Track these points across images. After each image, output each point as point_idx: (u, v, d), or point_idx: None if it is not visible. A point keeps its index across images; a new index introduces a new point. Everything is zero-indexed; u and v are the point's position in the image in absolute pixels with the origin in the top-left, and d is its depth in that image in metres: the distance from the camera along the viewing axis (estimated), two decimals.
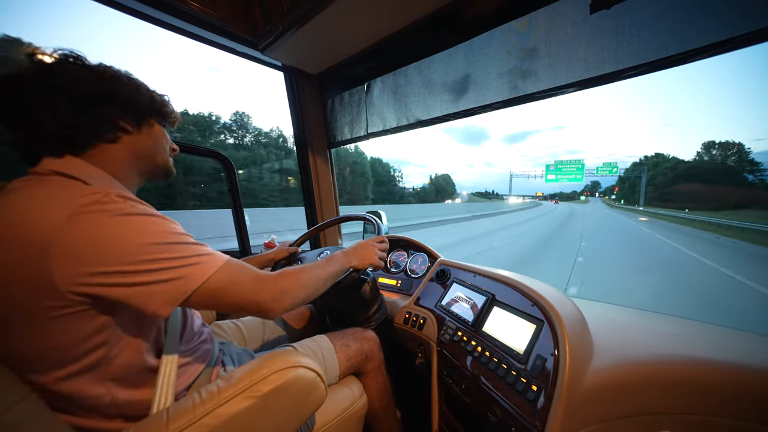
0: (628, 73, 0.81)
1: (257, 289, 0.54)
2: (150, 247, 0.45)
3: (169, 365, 0.56)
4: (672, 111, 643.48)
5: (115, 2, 0.99)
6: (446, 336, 0.90)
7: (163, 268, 0.45)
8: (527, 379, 0.65)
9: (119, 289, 0.43)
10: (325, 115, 1.62)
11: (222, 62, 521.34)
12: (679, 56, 0.73)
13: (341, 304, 1.02)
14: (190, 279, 0.47)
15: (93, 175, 0.50)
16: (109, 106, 0.53)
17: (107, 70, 0.54)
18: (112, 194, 0.45)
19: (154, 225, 0.47)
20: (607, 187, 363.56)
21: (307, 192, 1.67)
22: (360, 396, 0.85)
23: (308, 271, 0.65)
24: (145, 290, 0.44)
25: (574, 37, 0.85)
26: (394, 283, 1.29)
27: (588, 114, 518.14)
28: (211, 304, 0.51)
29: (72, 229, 0.41)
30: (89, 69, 0.52)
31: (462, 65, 1.11)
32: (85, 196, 0.44)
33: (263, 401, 0.53)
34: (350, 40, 1.21)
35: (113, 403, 0.50)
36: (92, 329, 0.46)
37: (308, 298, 0.64)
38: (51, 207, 0.42)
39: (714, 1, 0.67)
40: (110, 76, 0.54)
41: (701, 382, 0.59)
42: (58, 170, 0.47)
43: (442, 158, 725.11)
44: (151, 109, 0.59)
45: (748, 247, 12.44)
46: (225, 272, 0.51)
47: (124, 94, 0.55)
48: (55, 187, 0.45)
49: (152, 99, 0.60)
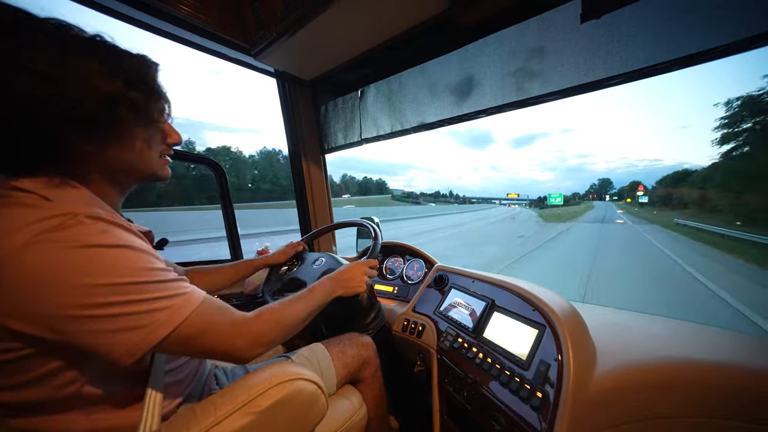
0: (617, 80, 0.84)
1: (232, 336, 0.49)
2: (113, 288, 0.38)
3: (155, 387, 0.51)
4: (688, 112, 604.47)
5: (104, 6, 0.97)
6: (446, 343, 0.89)
7: (127, 314, 0.39)
8: (531, 386, 0.64)
9: (78, 336, 0.38)
10: (318, 121, 1.62)
11: (222, 66, 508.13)
12: (665, 64, 0.76)
13: (338, 312, 1.00)
14: (158, 326, 0.41)
15: (60, 191, 0.42)
16: (58, 121, 0.40)
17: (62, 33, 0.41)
18: (80, 215, 0.39)
19: (123, 259, 0.40)
20: (623, 188, 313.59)
21: (301, 198, 1.65)
22: (360, 407, 0.83)
23: (288, 310, 0.61)
24: (105, 339, 0.39)
25: (566, 45, 0.88)
26: (391, 289, 1.28)
27: (598, 116, 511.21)
28: (181, 350, 0.46)
29: (23, 263, 0.35)
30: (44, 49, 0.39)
31: (456, 72, 1.12)
32: (43, 220, 0.37)
33: (263, 417, 0.51)
34: (344, 47, 1.21)
35: (94, 430, 0.46)
36: (55, 367, 0.40)
37: (287, 338, 0.59)
38: (3, 234, 0.36)
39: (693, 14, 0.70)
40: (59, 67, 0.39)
41: (700, 383, 0.60)
42: (16, 185, 0.40)
43: (448, 162, 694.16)
44: (118, 117, 0.45)
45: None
46: (198, 317, 0.45)
47: (74, 107, 0.40)
48: (9, 207, 0.38)
49: (121, 101, 0.44)
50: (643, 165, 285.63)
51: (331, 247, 1.75)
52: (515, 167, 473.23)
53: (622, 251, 13.40)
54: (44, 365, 0.40)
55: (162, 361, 0.54)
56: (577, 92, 0.90)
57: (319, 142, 1.64)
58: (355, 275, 0.80)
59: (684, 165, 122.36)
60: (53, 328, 0.37)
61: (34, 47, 0.38)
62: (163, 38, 1.11)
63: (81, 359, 0.42)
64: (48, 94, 0.39)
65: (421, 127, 1.28)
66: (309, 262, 1.10)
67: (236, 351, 0.50)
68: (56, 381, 0.41)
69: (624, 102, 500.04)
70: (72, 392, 0.43)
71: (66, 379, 0.42)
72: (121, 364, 0.40)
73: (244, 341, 0.50)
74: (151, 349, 0.42)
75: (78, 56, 0.41)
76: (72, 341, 0.38)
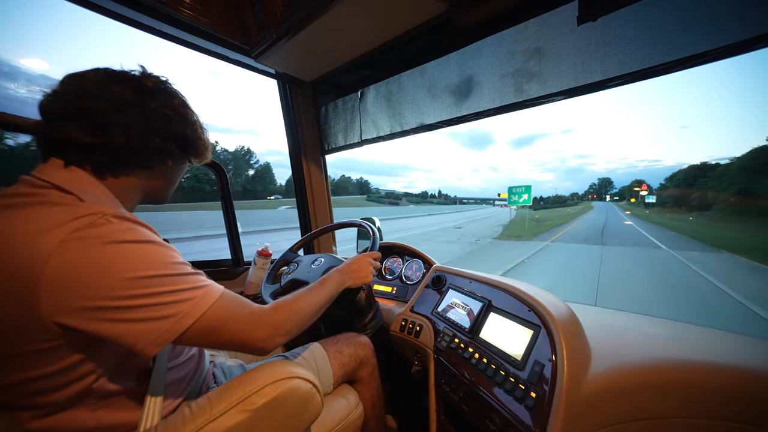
0: (615, 82, 0.84)
1: (251, 326, 0.51)
2: (142, 281, 0.42)
3: (157, 384, 0.53)
4: (689, 112, 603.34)
5: (106, 9, 0.98)
6: (443, 343, 0.89)
7: (155, 304, 0.42)
8: (525, 386, 0.64)
9: (106, 325, 0.40)
10: (318, 122, 1.62)
11: (221, 68, 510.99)
12: (662, 66, 0.76)
13: (336, 312, 1.01)
14: (183, 317, 0.44)
15: (90, 190, 0.47)
16: (170, 142, 0.54)
17: (184, 103, 0.56)
18: (108, 214, 0.43)
19: (149, 254, 0.44)
20: (624, 188, 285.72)
21: (301, 198, 1.66)
22: (356, 406, 0.83)
23: (302, 302, 0.62)
24: (134, 328, 0.41)
25: (564, 47, 0.88)
26: (390, 290, 1.28)
27: (598, 117, 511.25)
28: (202, 341, 0.48)
29: (62, 258, 0.38)
30: (179, 99, 0.55)
31: (454, 73, 1.13)
32: (79, 218, 0.41)
33: (257, 415, 0.51)
34: (344, 48, 1.22)
35: (98, 427, 0.47)
36: (77, 360, 0.43)
37: (302, 329, 0.61)
38: (42, 232, 0.39)
39: (689, 17, 0.71)
40: (185, 111, 0.56)
41: (698, 385, 0.60)
42: (55, 183, 0.44)
43: (448, 163, 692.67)
44: (195, 151, 0.60)
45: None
46: (220, 308, 0.48)
47: (189, 135, 0.56)
48: (47, 205, 0.42)
49: (201, 142, 0.60)
50: (642, 165, 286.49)
51: (331, 248, 1.75)
52: (515, 168, 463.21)
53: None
54: (68, 357, 0.42)
55: (164, 360, 0.56)
56: (575, 94, 0.91)
57: (319, 143, 1.65)
58: (361, 266, 0.82)
59: (684, 165, 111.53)
60: (87, 318, 0.39)
61: (166, 97, 0.54)
62: (164, 40, 1.12)
63: (99, 353, 0.45)
64: (176, 120, 0.54)
65: (420, 128, 1.29)
66: (307, 263, 1.10)
67: (256, 341, 0.51)
68: (73, 374, 0.43)
69: (624, 102, 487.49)
70: (84, 387, 0.45)
71: (82, 372, 0.44)
72: (145, 354, 0.42)
73: (264, 332, 0.52)
74: (175, 340, 0.44)
75: (178, 105, 0.56)
76: (101, 331, 0.40)
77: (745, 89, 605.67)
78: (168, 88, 0.54)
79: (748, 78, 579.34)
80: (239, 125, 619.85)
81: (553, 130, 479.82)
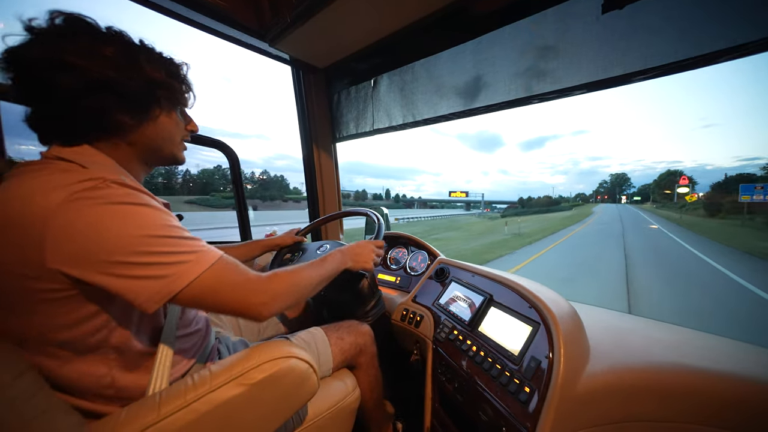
0: (638, 77, 0.80)
1: (248, 292, 0.52)
2: (141, 239, 0.44)
3: (166, 350, 0.57)
4: (713, 110, 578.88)
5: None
6: (442, 334, 0.90)
7: (152, 263, 0.44)
8: (520, 380, 0.64)
9: (108, 279, 0.43)
10: (331, 109, 1.62)
11: (232, 73, 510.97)
12: (691, 60, 0.71)
13: (339, 298, 1.03)
14: (178, 277, 0.46)
15: (95, 160, 0.50)
16: (106, 95, 0.49)
17: (119, 37, 0.51)
18: (108, 180, 0.45)
19: (147, 216, 0.46)
20: (647, 186, 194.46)
21: (311, 185, 1.67)
22: (353, 389, 0.85)
23: (301, 274, 0.63)
24: (134, 284, 0.44)
25: (584, 38, 0.84)
26: (394, 279, 1.29)
27: (612, 117, 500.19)
28: (199, 303, 0.49)
29: (65, 215, 0.41)
30: (101, 38, 0.49)
31: (470, 63, 1.10)
32: (79, 182, 0.43)
33: (255, 389, 0.54)
34: (358, 34, 1.20)
35: (112, 385, 0.51)
36: (90, 312, 0.46)
37: (299, 301, 0.62)
38: (46, 191, 0.42)
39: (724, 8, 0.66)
40: (115, 55, 0.49)
41: (696, 391, 0.58)
42: (60, 155, 0.48)
43: (457, 166, 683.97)
44: (157, 99, 0.55)
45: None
46: (215, 271, 0.49)
47: (126, 84, 0.50)
48: (53, 172, 0.45)
49: (161, 85, 0.55)
50: (661, 167, 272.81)
51: (338, 236, 1.77)
52: (525, 170, 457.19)
53: None
54: (83, 308, 0.46)
55: (173, 326, 0.59)
56: (594, 88, 0.87)
57: (330, 131, 1.65)
58: (364, 251, 0.83)
59: (705, 166, 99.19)
60: (88, 270, 0.42)
61: (103, 43, 0.50)
62: (179, 22, 1.13)
63: (110, 307, 0.48)
64: (108, 75, 0.49)
65: (432, 120, 1.27)
66: (313, 249, 1.12)
67: (252, 307, 0.52)
68: (89, 325, 0.47)
69: (640, 100, 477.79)
70: (99, 339, 0.48)
71: (98, 324, 0.48)
72: (145, 310, 0.45)
73: (259, 298, 0.53)
74: (171, 299, 0.46)
75: (129, 50, 0.52)
76: (102, 284, 0.43)
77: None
78: (125, 37, 0.53)
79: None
80: (249, 130, 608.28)
81: (565, 131, 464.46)
